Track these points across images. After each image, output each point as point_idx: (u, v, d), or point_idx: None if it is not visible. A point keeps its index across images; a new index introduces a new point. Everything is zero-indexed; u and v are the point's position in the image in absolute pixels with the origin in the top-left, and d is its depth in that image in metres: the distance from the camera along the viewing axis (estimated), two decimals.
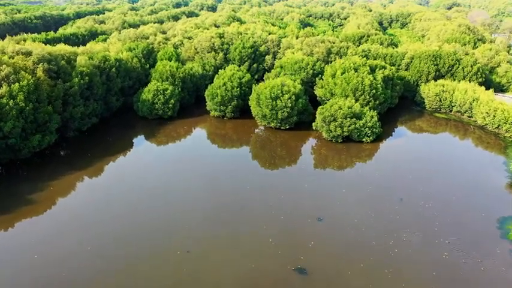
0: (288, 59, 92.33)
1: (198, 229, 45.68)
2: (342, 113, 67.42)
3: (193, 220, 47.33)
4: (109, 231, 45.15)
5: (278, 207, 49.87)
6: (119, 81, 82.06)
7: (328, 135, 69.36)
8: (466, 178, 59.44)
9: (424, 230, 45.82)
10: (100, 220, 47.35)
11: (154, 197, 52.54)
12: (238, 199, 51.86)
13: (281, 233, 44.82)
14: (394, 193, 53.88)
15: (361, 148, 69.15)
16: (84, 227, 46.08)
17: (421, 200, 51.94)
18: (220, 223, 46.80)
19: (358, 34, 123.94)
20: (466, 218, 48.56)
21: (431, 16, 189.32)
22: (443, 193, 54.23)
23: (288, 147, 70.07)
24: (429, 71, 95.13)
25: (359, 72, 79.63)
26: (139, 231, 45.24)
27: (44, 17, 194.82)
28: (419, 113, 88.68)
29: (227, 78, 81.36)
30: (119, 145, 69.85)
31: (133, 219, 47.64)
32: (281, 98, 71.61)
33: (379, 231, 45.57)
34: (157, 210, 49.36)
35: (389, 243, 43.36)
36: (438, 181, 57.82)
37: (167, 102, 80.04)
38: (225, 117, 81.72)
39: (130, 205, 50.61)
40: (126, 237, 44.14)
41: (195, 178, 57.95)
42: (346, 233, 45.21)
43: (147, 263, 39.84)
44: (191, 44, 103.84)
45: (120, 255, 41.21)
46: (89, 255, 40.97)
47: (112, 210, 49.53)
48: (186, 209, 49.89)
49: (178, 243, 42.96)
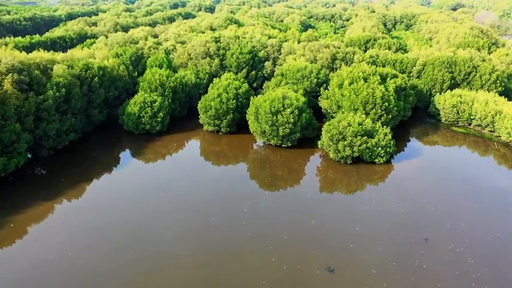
0: (290, 66, 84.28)
1: (178, 281, 37.60)
2: (352, 130, 59.31)
3: (172, 268, 39.23)
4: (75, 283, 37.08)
5: (280, 251, 41.75)
6: (102, 92, 73.88)
7: (335, 155, 61.24)
8: (498, 209, 51.27)
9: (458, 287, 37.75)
10: (67, 269, 39.22)
11: (129, 236, 44.38)
12: (232, 240, 43.72)
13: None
14: (417, 231, 45.73)
15: (373, 170, 61.05)
16: (48, 276, 37.97)
17: (449, 241, 43.77)
18: (208, 273, 38.70)
19: (364, 38, 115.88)
20: (508, 268, 40.48)
21: (438, 18, 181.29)
22: (475, 231, 46.11)
23: (290, 168, 61.95)
24: (444, 79, 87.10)
25: (369, 82, 71.57)
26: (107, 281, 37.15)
27: (34, 18, 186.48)
28: (434, 127, 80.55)
29: (222, 89, 73.24)
30: (99, 166, 61.69)
31: (103, 265, 39.52)
32: (282, 112, 63.50)
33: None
34: (130, 253, 41.24)
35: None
36: (466, 214, 49.71)
37: (155, 116, 71.88)
38: (220, 132, 73.56)
39: (102, 248, 42.46)
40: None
41: (182, 210, 49.79)
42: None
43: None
44: (184, 49, 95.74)
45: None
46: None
47: (81, 258, 41.38)
48: (166, 252, 41.77)
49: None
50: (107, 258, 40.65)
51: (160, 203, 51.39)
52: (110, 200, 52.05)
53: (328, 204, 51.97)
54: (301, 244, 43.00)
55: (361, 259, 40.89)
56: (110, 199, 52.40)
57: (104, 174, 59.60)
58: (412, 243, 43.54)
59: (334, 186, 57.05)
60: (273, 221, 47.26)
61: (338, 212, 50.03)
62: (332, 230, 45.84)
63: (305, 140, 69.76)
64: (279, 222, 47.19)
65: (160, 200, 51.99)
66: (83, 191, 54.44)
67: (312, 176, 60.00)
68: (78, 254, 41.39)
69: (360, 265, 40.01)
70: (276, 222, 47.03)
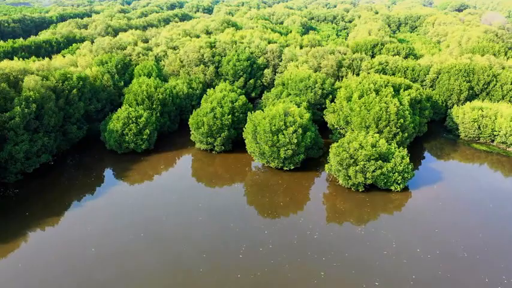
0: (292, 75, 76.32)
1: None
2: (365, 154, 51.26)
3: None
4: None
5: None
6: (81, 105, 65.83)
7: (345, 182, 53.21)
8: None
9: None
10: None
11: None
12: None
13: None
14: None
15: (388, 199, 53.02)
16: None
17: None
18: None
19: (370, 42, 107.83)
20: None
21: (445, 20, 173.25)
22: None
23: (292, 195, 53.94)
24: (461, 89, 79.12)
25: (381, 94, 63.64)
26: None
27: (24, 20, 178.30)
28: (451, 143, 72.50)
29: (216, 102, 65.22)
30: (74, 193, 53.63)
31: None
32: (284, 131, 55.48)
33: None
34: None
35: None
36: (507, 260, 41.74)
37: (141, 133, 63.83)
38: (214, 150, 65.51)
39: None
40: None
41: (163, 255, 41.78)
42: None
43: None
44: (176, 56, 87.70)
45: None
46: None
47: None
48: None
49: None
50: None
51: (138, 244, 43.34)
52: (79, 238, 44.01)
53: (339, 245, 43.85)
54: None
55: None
56: (80, 236, 44.34)
57: (79, 202, 51.53)
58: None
59: (344, 220, 48.94)
60: (273, 274, 39.12)
61: (351, 257, 41.88)
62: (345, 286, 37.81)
63: (310, 160, 61.85)
64: (280, 275, 39.13)
65: (139, 240, 43.93)
66: (51, 225, 46.43)
67: (318, 205, 51.97)
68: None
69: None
70: (276, 277, 38.95)
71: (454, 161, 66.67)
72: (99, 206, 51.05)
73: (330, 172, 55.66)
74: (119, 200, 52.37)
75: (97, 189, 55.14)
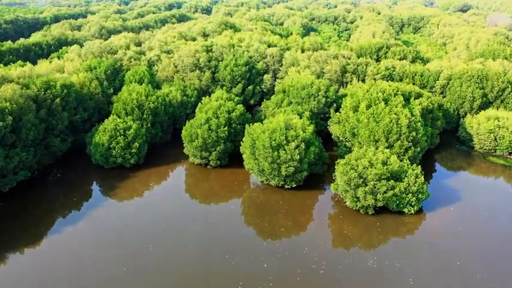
0: (293, 82, 71.15)
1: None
2: (375, 173, 46.10)
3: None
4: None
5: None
6: (65, 116, 60.69)
7: (354, 204, 48.04)
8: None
9: None
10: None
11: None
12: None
13: None
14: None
15: (401, 222, 47.90)
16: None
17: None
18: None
19: (375, 45, 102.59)
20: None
21: (450, 21, 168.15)
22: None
23: (294, 217, 48.81)
24: (474, 97, 73.97)
25: (390, 104, 58.52)
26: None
27: (16, 21, 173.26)
28: (465, 155, 67.39)
29: (211, 112, 60.09)
30: (53, 214, 48.53)
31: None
32: (285, 147, 50.33)
33: None
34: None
35: None
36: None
37: (129, 146, 58.69)
38: (209, 165, 60.35)
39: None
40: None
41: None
42: None
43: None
44: (170, 61, 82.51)
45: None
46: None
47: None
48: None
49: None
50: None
51: (119, 281, 38.22)
52: (55, 269, 38.89)
53: (349, 283, 38.67)
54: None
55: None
56: (56, 267, 39.23)
57: (58, 227, 46.40)
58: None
59: (353, 249, 43.79)
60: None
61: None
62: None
63: (313, 176, 56.73)
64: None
65: (119, 276, 38.81)
66: (28, 252, 41.33)
67: (324, 230, 46.84)
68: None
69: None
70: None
71: (469, 176, 61.58)
72: (80, 231, 45.88)
73: (335, 191, 50.50)
74: (103, 225, 47.22)
75: (79, 210, 49.98)
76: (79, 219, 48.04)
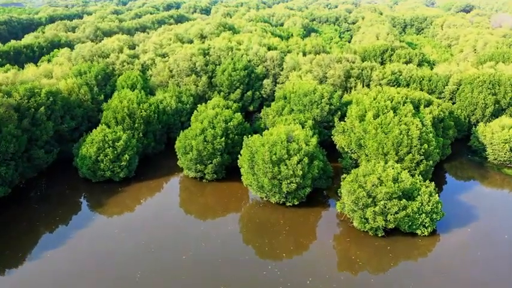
0: (294, 88, 67.12)
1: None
2: (386, 191, 41.95)
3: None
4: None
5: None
6: (50, 126, 56.49)
7: (362, 225, 43.88)
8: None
9: None
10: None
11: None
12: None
13: None
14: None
15: (414, 245, 43.77)
16: None
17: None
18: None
19: (379, 48, 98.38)
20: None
21: (455, 21, 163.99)
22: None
23: (296, 239, 44.71)
24: (486, 103, 69.84)
25: (399, 113, 54.38)
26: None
27: (10, 22, 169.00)
28: (478, 166, 63.30)
29: (207, 122, 55.95)
30: (33, 236, 44.38)
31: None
32: (287, 161, 46.20)
33: None
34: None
35: None
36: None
37: (119, 159, 54.57)
38: (204, 179, 56.20)
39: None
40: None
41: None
42: None
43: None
44: (165, 65, 78.38)
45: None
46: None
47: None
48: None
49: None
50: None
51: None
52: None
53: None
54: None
55: None
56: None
57: (37, 253, 42.25)
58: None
59: (362, 277, 39.64)
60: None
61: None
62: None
63: (317, 192, 52.63)
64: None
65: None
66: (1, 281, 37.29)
67: (329, 254, 42.73)
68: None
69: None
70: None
71: (484, 190, 57.46)
72: (61, 257, 41.67)
73: (341, 211, 46.35)
74: (86, 248, 43.02)
75: (61, 231, 45.83)
76: (60, 241, 43.84)
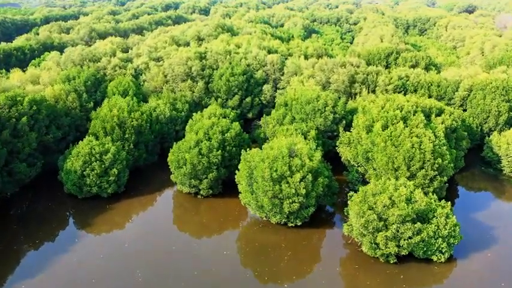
0: (296, 94, 63.02)
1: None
2: (398, 214, 37.83)
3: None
4: None
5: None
6: (33, 137, 52.37)
7: (372, 252, 39.78)
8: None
9: None
10: None
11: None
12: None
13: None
14: None
15: (429, 273, 39.64)
16: None
17: None
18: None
19: (384, 50, 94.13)
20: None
21: (459, 22, 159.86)
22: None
23: (300, 267, 40.59)
24: (499, 111, 65.77)
25: (410, 124, 50.24)
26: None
27: (3, 23, 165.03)
28: (492, 179, 59.25)
29: (203, 132, 51.84)
30: (8, 267, 40.25)
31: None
32: (289, 179, 42.10)
33: None
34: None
35: None
36: None
37: (107, 173, 50.44)
38: (199, 194, 52.08)
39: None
40: None
41: None
42: None
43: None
44: (159, 69, 74.28)
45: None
46: None
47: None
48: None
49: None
50: None
51: None
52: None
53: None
54: None
55: None
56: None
57: (12, 279, 38.17)
58: None
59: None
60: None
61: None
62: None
63: (320, 208, 48.54)
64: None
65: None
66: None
67: (335, 283, 38.61)
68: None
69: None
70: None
71: (502, 206, 53.39)
72: (41, 282, 37.63)
73: (349, 234, 42.22)
74: (66, 276, 38.87)
75: (40, 257, 41.66)
76: (38, 269, 39.62)
